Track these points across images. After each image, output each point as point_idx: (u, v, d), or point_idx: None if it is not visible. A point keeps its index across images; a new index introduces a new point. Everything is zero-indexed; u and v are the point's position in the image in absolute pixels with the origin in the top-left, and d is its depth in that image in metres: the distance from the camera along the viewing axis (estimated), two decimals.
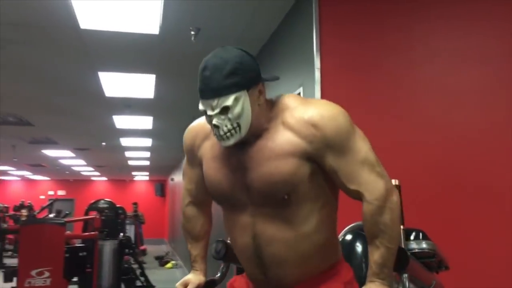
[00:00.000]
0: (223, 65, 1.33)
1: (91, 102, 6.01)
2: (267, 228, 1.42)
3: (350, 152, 1.37)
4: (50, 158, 12.18)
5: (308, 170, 1.38)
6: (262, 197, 1.41)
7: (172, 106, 6.34)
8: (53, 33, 3.70)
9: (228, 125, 1.33)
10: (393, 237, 1.38)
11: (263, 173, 1.38)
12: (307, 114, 1.37)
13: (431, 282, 1.76)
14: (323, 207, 1.44)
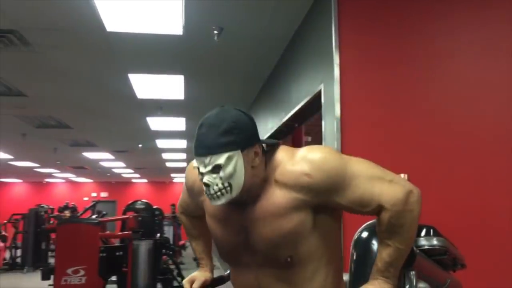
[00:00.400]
0: (219, 124, 1.30)
1: (124, 104, 6.14)
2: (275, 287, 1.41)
3: (353, 181, 1.31)
4: (91, 161, 12.54)
5: (309, 221, 1.34)
6: (265, 259, 1.38)
7: (203, 106, 6.37)
8: (81, 36, 3.80)
9: (219, 184, 1.29)
10: (407, 238, 1.33)
11: (264, 237, 1.35)
12: (297, 167, 1.33)
13: (446, 281, 1.68)
14: (329, 263, 1.40)
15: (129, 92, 5.45)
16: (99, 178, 19.69)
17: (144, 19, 3.47)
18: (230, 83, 5.41)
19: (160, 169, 15.59)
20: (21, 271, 11.03)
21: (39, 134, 8.20)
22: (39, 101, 6.00)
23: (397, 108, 2.67)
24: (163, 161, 13.08)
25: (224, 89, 5.67)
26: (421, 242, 1.59)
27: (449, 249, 1.62)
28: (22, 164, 13.20)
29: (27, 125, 7.52)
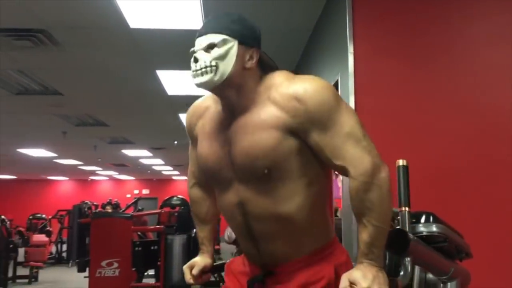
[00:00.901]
0: (227, 14, 1.39)
1: (155, 101, 6.26)
2: (254, 205, 1.40)
3: (334, 126, 1.31)
4: (131, 158, 12.86)
5: (291, 145, 1.34)
6: (244, 172, 1.39)
7: None
8: (106, 34, 3.91)
9: (206, 61, 1.32)
10: (381, 215, 1.30)
11: (244, 147, 1.37)
12: (291, 88, 1.34)
13: (449, 269, 1.63)
14: (310, 185, 1.39)
15: (159, 89, 5.55)
16: (140, 176, 20.18)
17: (164, 14, 3.53)
18: None
19: None
20: (66, 265, 11.47)
21: (79, 132, 8.49)
22: (75, 99, 6.21)
23: (413, 99, 2.62)
24: None
25: None
26: (420, 229, 1.55)
27: (450, 236, 1.57)
28: (66, 162, 13.70)
29: (67, 123, 7.80)
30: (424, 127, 2.58)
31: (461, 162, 2.51)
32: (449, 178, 2.51)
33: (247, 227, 1.44)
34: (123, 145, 10.41)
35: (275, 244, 1.42)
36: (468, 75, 2.57)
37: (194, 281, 1.69)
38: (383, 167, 1.32)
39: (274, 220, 1.40)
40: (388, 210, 1.33)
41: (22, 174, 18.00)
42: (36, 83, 5.41)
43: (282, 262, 1.43)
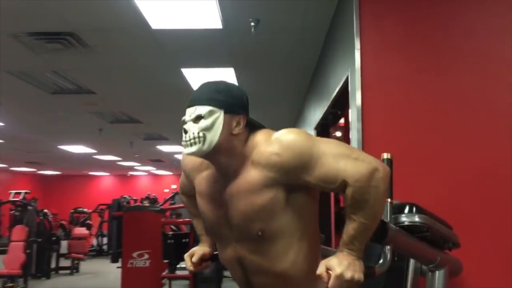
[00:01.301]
0: (213, 85, 1.47)
1: (182, 98, 6.40)
2: (251, 262, 1.50)
3: (319, 160, 1.37)
4: (166, 153, 13.19)
5: (281, 199, 1.42)
6: (239, 233, 1.48)
7: (259, 98, 6.53)
8: (130, 35, 4.08)
9: (195, 133, 1.40)
10: (371, 214, 1.37)
11: (238, 210, 1.45)
12: (269, 147, 1.41)
13: (436, 258, 1.68)
14: (302, 239, 1.46)
15: (185, 86, 5.71)
16: (177, 171, 20.59)
17: (183, 14, 3.66)
18: (280, 74, 5.50)
19: None
20: (107, 257, 11.91)
21: (114, 129, 8.80)
22: (107, 98, 6.47)
23: (420, 94, 2.64)
24: None
25: (276, 80, 5.77)
26: (402, 219, 1.61)
27: (432, 226, 1.62)
28: (105, 158, 14.18)
29: (102, 120, 8.11)
30: (431, 122, 2.60)
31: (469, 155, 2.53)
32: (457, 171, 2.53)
33: (247, 280, 1.55)
34: (158, 141, 10.70)
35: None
36: (476, 70, 2.57)
37: (194, 268, 1.80)
38: (380, 168, 1.37)
39: (271, 276, 1.49)
40: (379, 209, 1.40)
41: (66, 169, 18.73)
42: (70, 83, 5.68)
43: None
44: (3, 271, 7.20)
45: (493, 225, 2.43)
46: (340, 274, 1.33)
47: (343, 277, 1.33)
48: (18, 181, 18.07)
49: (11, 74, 5.18)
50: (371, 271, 1.43)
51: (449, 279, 1.85)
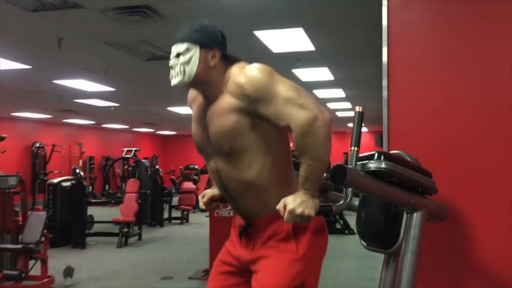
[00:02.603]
0: (191, 25, 1.78)
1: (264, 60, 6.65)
2: (225, 171, 1.81)
3: (273, 98, 1.65)
4: None
5: (244, 124, 1.71)
6: (215, 148, 1.80)
7: (335, 55, 6.59)
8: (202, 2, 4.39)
9: (178, 68, 1.74)
10: (315, 156, 1.61)
11: (213, 130, 1.77)
12: (237, 78, 1.71)
13: (409, 201, 1.82)
14: (266, 154, 1.73)
15: (261, 48, 5.96)
16: None
17: None
18: (352, 32, 5.49)
19: (334, 120, 15.99)
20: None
21: None
22: None
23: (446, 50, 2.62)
24: (331, 111, 13.46)
25: (349, 38, 5.77)
26: (369, 165, 1.78)
27: (398, 172, 1.76)
28: None
29: None
30: (458, 81, 2.58)
31: (493, 111, 2.50)
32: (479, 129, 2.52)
33: (225, 188, 1.86)
34: None
35: (245, 202, 1.82)
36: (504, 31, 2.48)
37: (206, 207, 2.15)
38: (320, 116, 1.61)
39: (240, 184, 1.78)
40: (321, 153, 1.62)
41: (179, 130, 20.18)
42: (159, 50, 6.23)
43: (255, 217, 1.81)
44: (119, 218, 8.28)
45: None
46: (292, 209, 1.59)
47: (294, 212, 1.58)
48: (139, 141, 19.92)
49: (109, 45, 5.85)
50: (328, 208, 1.64)
51: (433, 223, 1.98)
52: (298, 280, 1.71)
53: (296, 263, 1.72)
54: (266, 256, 1.77)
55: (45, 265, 5.27)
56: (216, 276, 1.96)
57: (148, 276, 5.81)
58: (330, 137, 1.63)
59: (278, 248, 1.73)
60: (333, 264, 6.12)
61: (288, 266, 1.72)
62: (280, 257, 1.73)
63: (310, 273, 1.76)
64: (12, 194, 5.63)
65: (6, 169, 12.25)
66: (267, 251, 1.77)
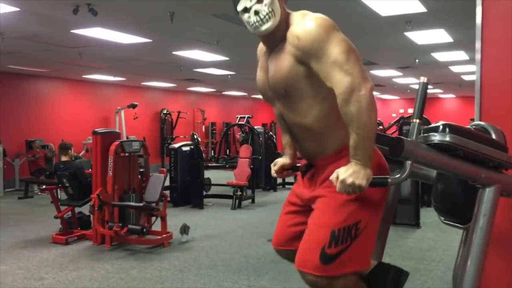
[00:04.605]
0: None
1: (374, 25, 6.46)
2: (286, 115, 1.90)
3: (323, 57, 1.67)
4: (383, 78, 13.18)
5: (300, 71, 1.76)
6: (274, 92, 1.88)
7: (450, 15, 6.12)
8: None
9: (266, 10, 1.76)
10: (361, 124, 1.62)
11: (271, 74, 1.86)
12: (296, 28, 1.75)
13: (479, 176, 1.73)
14: (323, 101, 1.78)
15: (370, 13, 5.77)
16: (404, 95, 20.19)
17: None
18: None
19: (460, 84, 14.93)
20: None
21: None
22: None
23: None
24: (456, 74, 12.56)
25: None
26: (431, 138, 1.71)
27: (463, 145, 1.67)
28: None
29: None
30: None
31: None
32: None
33: (290, 131, 1.96)
34: (369, 66, 10.82)
35: (307, 144, 1.90)
36: None
37: (277, 175, 2.26)
38: (364, 86, 1.61)
39: (301, 127, 1.87)
40: (367, 121, 1.63)
41: None
42: None
43: (316, 158, 1.89)
44: (233, 182, 8.74)
45: None
46: (343, 179, 1.62)
47: (345, 181, 1.62)
48: (258, 108, 20.48)
49: (216, 16, 6.10)
50: (383, 180, 1.64)
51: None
52: (351, 220, 1.74)
53: (350, 203, 1.75)
54: (322, 196, 1.83)
55: (164, 222, 5.82)
56: (283, 216, 2.09)
57: (255, 237, 6.12)
58: (373, 104, 1.63)
59: (333, 188, 1.75)
60: (447, 236, 5.90)
61: (340, 205, 1.76)
62: (334, 196, 1.77)
63: (365, 213, 1.77)
64: (136, 157, 6.25)
65: (138, 134, 13.53)
66: (324, 190, 1.83)
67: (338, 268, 1.75)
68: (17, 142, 11.08)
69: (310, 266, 1.78)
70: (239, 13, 1.84)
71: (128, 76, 12.35)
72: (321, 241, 1.76)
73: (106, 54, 8.75)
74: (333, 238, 1.74)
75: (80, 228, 6.20)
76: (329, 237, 1.74)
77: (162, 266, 4.76)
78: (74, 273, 4.52)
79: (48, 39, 7.33)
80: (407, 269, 1.95)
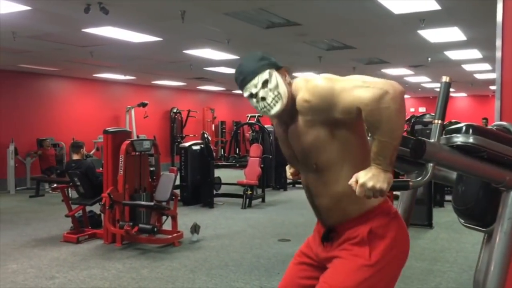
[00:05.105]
0: (251, 58, 1.77)
1: (386, 21, 6.39)
2: (314, 187, 1.84)
3: (340, 96, 1.61)
4: (393, 77, 13.06)
5: (324, 135, 1.70)
6: (302, 166, 1.85)
7: (464, 14, 6.03)
8: None
9: (271, 95, 1.72)
10: (386, 131, 1.56)
11: (297, 150, 1.81)
12: (303, 95, 1.69)
13: (503, 178, 1.67)
14: (352, 168, 1.69)
15: (383, 10, 5.70)
16: (416, 94, 20.04)
17: None
18: None
19: (473, 82, 14.77)
20: None
21: (331, 56, 9.26)
22: (314, 28, 6.91)
23: None
24: (468, 73, 12.42)
25: None
26: (454, 139, 1.66)
27: (488, 147, 1.62)
28: None
29: (318, 49, 8.64)
30: None
31: None
32: None
33: (312, 201, 1.90)
34: (380, 65, 10.73)
35: (331, 213, 1.84)
36: None
37: (292, 177, 2.21)
38: (391, 91, 1.54)
39: (328, 198, 1.81)
40: (395, 126, 1.56)
41: None
42: (277, 17, 6.30)
43: (337, 224, 1.82)
44: (243, 181, 8.71)
45: None
46: (363, 183, 1.57)
47: (366, 185, 1.56)
48: None
49: (228, 15, 6.07)
50: (404, 184, 1.59)
51: None
52: (365, 286, 1.70)
53: (366, 268, 1.71)
54: (338, 257, 1.78)
55: (175, 221, 5.80)
56: (294, 265, 2.02)
57: (266, 237, 6.09)
58: (402, 110, 1.55)
59: (351, 251, 1.73)
60: (460, 237, 5.83)
61: (356, 270, 1.72)
62: (350, 259, 1.74)
63: (379, 281, 1.73)
64: (147, 156, 6.24)
65: (148, 132, 13.54)
66: (341, 252, 1.78)
67: None
68: (28, 141, 11.13)
69: None
70: (247, 98, 1.80)
71: (139, 75, 12.36)
72: None
73: (117, 53, 8.75)
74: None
75: (91, 227, 6.20)
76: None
77: (173, 266, 4.74)
78: (85, 272, 4.51)
79: (60, 38, 7.34)
80: (420, 270, 1.90)
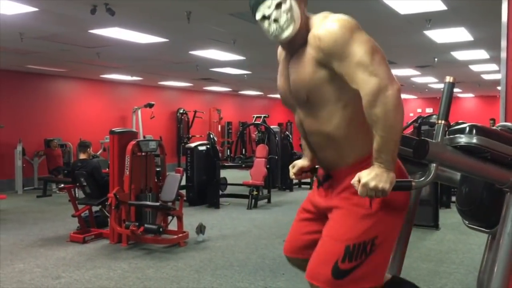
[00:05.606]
0: None
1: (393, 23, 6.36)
2: (306, 122, 1.84)
3: (347, 58, 1.61)
4: (400, 77, 13.01)
5: (322, 76, 1.69)
6: (295, 99, 1.82)
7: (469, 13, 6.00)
8: None
9: (285, 16, 1.69)
10: (386, 127, 1.56)
11: (293, 80, 1.80)
12: (318, 30, 1.68)
13: (507, 179, 1.66)
14: (345, 107, 1.71)
15: (389, 10, 5.68)
16: (423, 95, 19.95)
17: None
18: None
19: (479, 83, 14.67)
20: None
21: None
22: None
23: None
24: (475, 74, 12.35)
25: None
26: (458, 140, 1.65)
27: (491, 147, 1.61)
28: None
29: None
30: None
31: None
32: None
33: (307, 140, 1.89)
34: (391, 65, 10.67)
35: (325, 153, 1.84)
36: None
37: (296, 177, 2.21)
38: (391, 87, 1.55)
39: (321, 136, 1.80)
40: (394, 123, 1.56)
41: None
42: None
43: (334, 169, 1.82)
44: (249, 182, 8.71)
45: None
46: (365, 182, 1.57)
47: (368, 185, 1.56)
48: (273, 107, 20.41)
49: (233, 16, 6.07)
50: (406, 184, 1.58)
51: None
52: (368, 235, 1.68)
53: (368, 218, 1.69)
54: (339, 207, 1.77)
55: (180, 222, 5.81)
56: (296, 223, 2.03)
57: (271, 238, 6.08)
58: (399, 106, 1.56)
59: (351, 200, 1.71)
60: (467, 238, 5.79)
61: (358, 220, 1.70)
62: (351, 210, 1.72)
63: (383, 229, 1.71)
64: (153, 156, 6.25)
65: (154, 133, 13.57)
66: (341, 202, 1.76)
67: (350, 284, 1.70)
68: (36, 141, 11.19)
69: (321, 279, 1.74)
70: (258, 21, 1.78)
71: (145, 75, 12.40)
72: (334, 255, 1.72)
73: (123, 54, 8.79)
74: (348, 253, 1.69)
75: (97, 227, 6.23)
76: (343, 252, 1.70)
77: (178, 266, 4.75)
78: (91, 272, 4.53)
79: (66, 39, 7.38)
80: (426, 271, 1.89)
